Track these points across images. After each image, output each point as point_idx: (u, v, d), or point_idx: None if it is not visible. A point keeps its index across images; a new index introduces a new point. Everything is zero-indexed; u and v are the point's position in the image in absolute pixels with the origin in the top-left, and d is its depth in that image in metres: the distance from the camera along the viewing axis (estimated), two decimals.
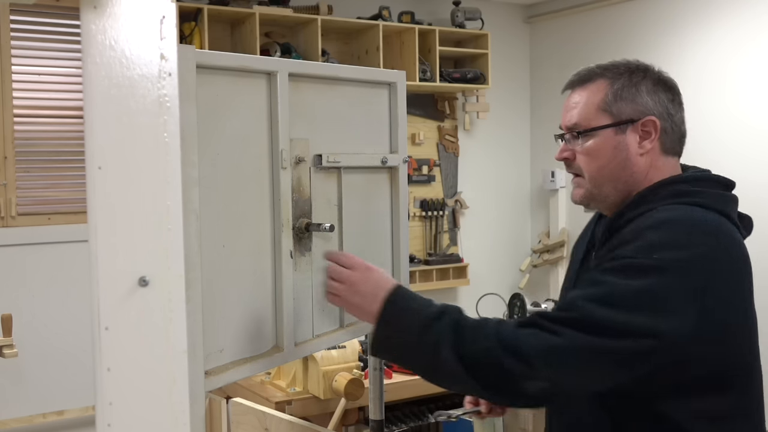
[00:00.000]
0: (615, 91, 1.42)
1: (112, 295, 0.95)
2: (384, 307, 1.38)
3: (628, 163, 1.41)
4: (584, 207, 1.51)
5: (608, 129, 1.41)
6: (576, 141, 1.44)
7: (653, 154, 1.42)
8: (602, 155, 1.42)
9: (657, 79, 1.44)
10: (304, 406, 2.92)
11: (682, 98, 1.47)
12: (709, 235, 1.31)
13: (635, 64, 1.45)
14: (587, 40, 4.90)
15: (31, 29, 3.69)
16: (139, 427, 0.98)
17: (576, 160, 1.45)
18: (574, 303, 1.29)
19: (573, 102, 1.46)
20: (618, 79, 1.42)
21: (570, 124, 1.46)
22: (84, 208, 0.96)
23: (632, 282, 1.26)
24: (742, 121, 4.11)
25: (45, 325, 3.64)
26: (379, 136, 1.77)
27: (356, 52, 4.49)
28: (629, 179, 1.42)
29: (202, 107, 1.27)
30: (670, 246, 1.28)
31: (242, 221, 1.43)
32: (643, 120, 1.40)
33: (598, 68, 1.46)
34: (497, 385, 1.29)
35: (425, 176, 4.85)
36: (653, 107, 1.41)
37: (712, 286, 1.28)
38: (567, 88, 1.50)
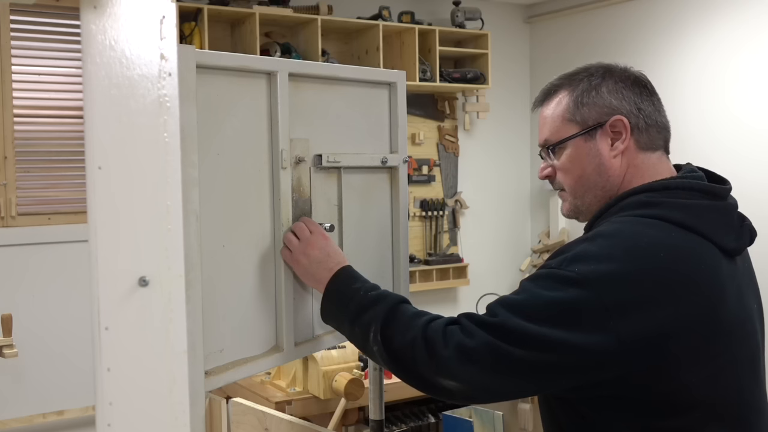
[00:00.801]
0: (576, 98, 1.39)
1: (112, 295, 0.95)
2: (330, 279, 1.45)
3: (602, 168, 1.38)
4: (576, 220, 1.48)
5: (577, 138, 1.39)
6: (551, 156, 1.43)
7: (629, 153, 1.38)
8: (577, 165, 1.39)
9: (620, 77, 1.40)
10: (304, 406, 2.92)
11: (652, 88, 1.42)
12: (645, 252, 1.23)
13: (595, 66, 1.42)
14: (587, 40, 4.90)
15: (31, 29, 3.69)
16: (139, 427, 0.98)
17: (556, 176, 1.44)
18: (496, 308, 1.26)
19: (542, 118, 1.45)
20: (577, 85, 1.40)
21: (542, 140, 1.45)
22: (84, 208, 0.96)
23: (548, 293, 1.22)
24: (742, 121, 4.11)
25: (45, 325, 3.64)
26: (379, 136, 1.76)
27: (356, 52, 4.50)
28: (606, 184, 1.38)
29: (202, 107, 1.27)
30: (594, 259, 1.22)
31: (242, 221, 1.43)
32: (610, 121, 1.37)
33: (558, 80, 1.45)
34: (417, 376, 1.29)
35: (425, 176, 4.85)
36: (618, 106, 1.37)
37: (642, 304, 1.20)
38: (534, 106, 1.49)
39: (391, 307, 1.36)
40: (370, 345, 1.34)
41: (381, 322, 1.34)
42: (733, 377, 1.28)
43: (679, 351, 1.22)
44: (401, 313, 1.35)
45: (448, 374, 1.25)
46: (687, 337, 1.22)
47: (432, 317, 1.33)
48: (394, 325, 1.33)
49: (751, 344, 1.33)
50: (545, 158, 1.46)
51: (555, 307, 1.21)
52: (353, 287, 1.43)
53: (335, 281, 1.45)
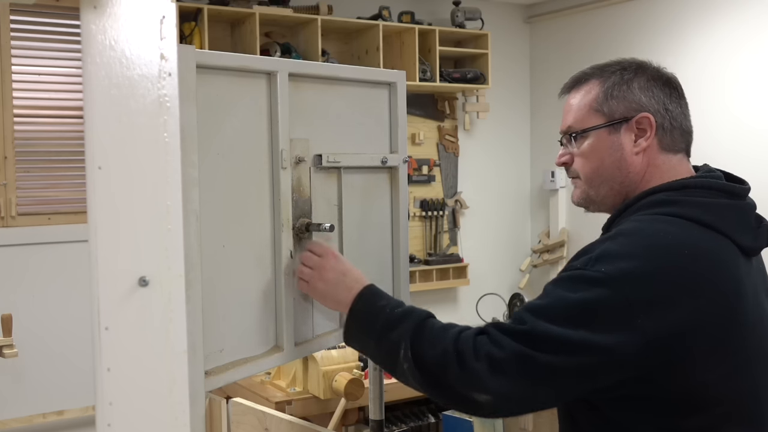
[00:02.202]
0: (606, 89, 1.39)
1: (112, 295, 0.95)
2: (354, 299, 1.42)
3: (623, 163, 1.38)
4: (585, 209, 1.48)
5: (602, 129, 1.39)
6: (572, 144, 1.43)
7: (650, 152, 1.38)
8: (597, 156, 1.40)
9: (652, 75, 1.40)
10: (304, 406, 2.92)
11: (682, 92, 1.42)
12: (667, 249, 1.24)
13: (629, 61, 1.43)
14: (587, 40, 4.91)
15: (31, 29, 3.69)
16: (139, 427, 0.98)
17: (573, 163, 1.44)
18: (523, 314, 1.25)
19: (568, 105, 1.45)
20: (609, 77, 1.40)
21: (565, 127, 1.45)
22: (84, 208, 0.96)
23: (573, 294, 1.22)
24: (742, 121, 4.11)
25: (45, 325, 3.64)
26: (379, 136, 1.76)
27: (356, 52, 4.50)
28: (625, 180, 1.39)
29: (202, 107, 1.27)
30: (619, 258, 1.22)
31: (242, 221, 1.43)
32: (636, 117, 1.37)
33: (590, 69, 1.45)
34: (450, 391, 1.26)
35: (425, 176, 4.85)
36: (647, 104, 1.37)
37: (666, 301, 1.20)
38: (562, 92, 1.49)
39: (418, 323, 1.33)
40: (400, 362, 1.30)
41: (410, 338, 1.30)
42: (750, 375, 1.29)
43: (698, 349, 1.22)
44: (429, 327, 1.32)
45: (481, 387, 1.22)
46: (706, 335, 1.23)
47: (461, 329, 1.30)
48: (424, 340, 1.30)
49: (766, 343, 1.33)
50: (565, 145, 1.46)
51: (582, 308, 1.21)
52: (378, 305, 1.40)
53: (359, 301, 1.42)
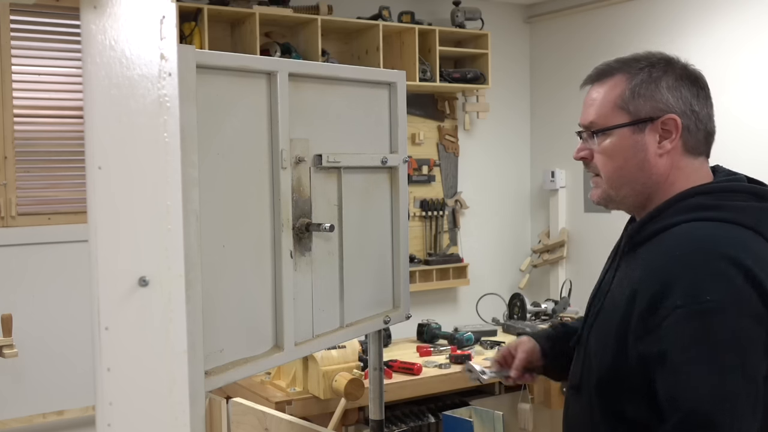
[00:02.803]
0: (633, 87, 1.35)
1: (112, 295, 0.95)
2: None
3: (646, 165, 1.35)
4: (604, 207, 1.45)
5: (625, 128, 1.35)
6: (593, 140, 1.39)
7: (674, 154, 1.35)
8: (619, 155, 1.36)
9: (681, 73, 1.37)
10: (304, 406, 2.92)
11: (708, 91, 1.39)
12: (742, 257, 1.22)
13: (657, 57, 1.39)
14: (587, 40, 4.91)
15: (31, 29, 3.69)
16: (139, 427, 0.98)
17: (593, 159, 1.40)
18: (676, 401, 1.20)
19: (590, 99, 1.40)
20: (637, 74, 1.36)
21: (587, 122, 1.40)
22: (84, 208, 0.96)
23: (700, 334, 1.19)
24: (742, 121, 4.11)
25: (45, 325, 3.64)
26: (379, 136, 1.77)
27: (356, 52, 4.49)
28: (647, 181, 1.36)
29: (202, 107, 1.27)
30: (714, 280, 1.20)
31: (242, 221, 1.43)
32: (662, 118, 1.33)
33: (616, 62, 1.40)
34: None
35: (425, 176, 4.85)
36: (674, 104, 1.34)
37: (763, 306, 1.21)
38: (585, 83, 1.44)
39: None
40: None
41: None
42: None
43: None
44: None
45: None
46: None
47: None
48: None
49: None
50: (585, 139, 1.42)
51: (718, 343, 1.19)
52: None
53: None
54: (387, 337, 3.69)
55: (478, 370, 1.79)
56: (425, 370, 3.32)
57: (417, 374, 3.26)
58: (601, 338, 1.38)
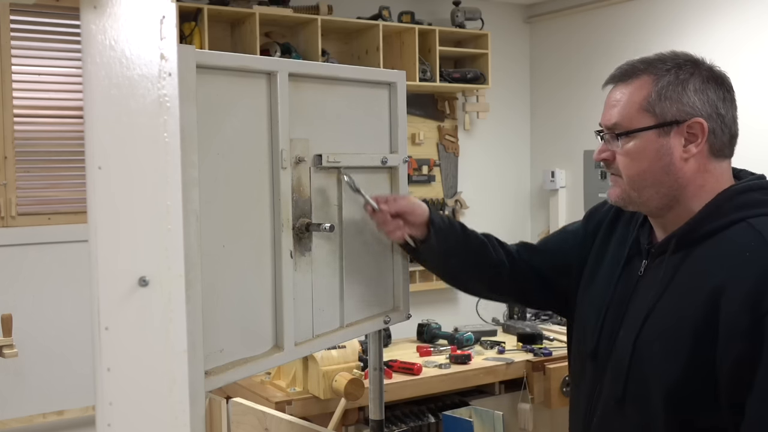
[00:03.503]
0: (659, 89, 1.32)
1: (112, 295, 0.95)
2: None
3: (671, 168, 1.32)
4: (621, 207, 1.43)
5: (650, 131, 1.32)
6: (615, 142, 1.35)
7: (700, 158, 1.32)
8: (643, 158, 1.32)
9: (707, 75, 1.35)
10: (304, 406, 2.92)
11: (733, 93, 1.37)
12: None
13: (683, 58, 1.36)
14: (587, 40, 4.90)
15: (31, 29, 3.69)
16: (139, 427, 0.98)
17: (615, 161, 1.36)
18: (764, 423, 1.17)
19: (614, 99, 1.37)
20: (664, 76, 1.33)
21: (610, 123, 1.36)
22: (84, 208, 0.96)
23: None
24: (742, 121, 4.11)
25: (45, 325, 3.64)
26: (379, 136, 1.77)
27: (356, 52, 4.49)
28: (673, 185, 1.32)
29: (202, 107, 1.27)
30: None
31: (242, 221, 1.43)
32: (689, 122, 1.31)
33: (642, 63, 1.37)
34: None
35: (425, 176, 4.85)
36: (701, 108, 1.31)
37: None
38: (608, 82, 1.40)
39: None
40: None
41: None
42: None
43: None
44: None
45: None
46: None
47: None
48: None
49: None
50: (607, 141, 1.38)
51: None
52: None
53: None
54: (387, 337, 3.69)
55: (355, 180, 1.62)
56: (425, 370, 3.33)
57: (417, 374, 3.26)
58: (665, 345, 1.30)
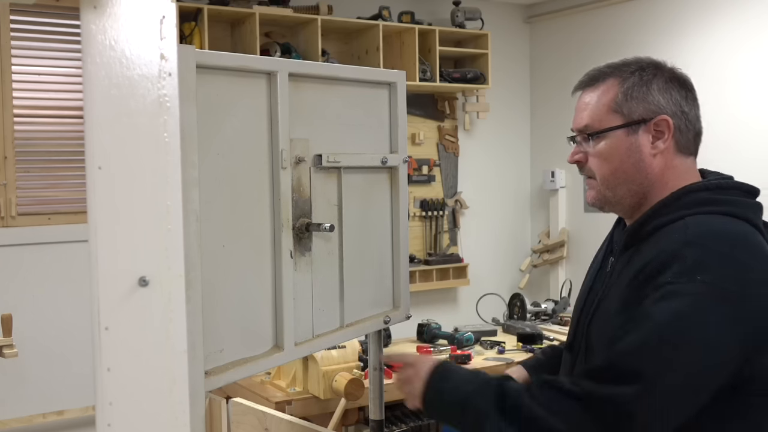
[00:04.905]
0: (625, 90, 1.39)
1: (112, 295, 0.95)
2: (426, 386, 1.41)
3: (641, 165, 1.38)
4: (599, 209, 1.48)
5: (620, 130, 1.38)
6: (587, 143, 1.42)
7: (668, 154, 1.39)
8: (614, 157, 1.39)
9: (669, 76, 1.41)
10: (304, 406, 2.92)
11: (695, 94, 1.43)
12: (749, 248, 1.28)
13: (646, 61, 1.43)
14: (587, 40, 4.91)
15: (31, 29, 3.69)
16: (139, 427, 0.98)
17: (588, 162, 1.43)
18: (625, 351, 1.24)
19: (583, 103, 1.44)
20: (628, 78, 1.40)
21: (581, 125, 1.43)
22: (84, 208, 0.96)
23: (678, 309, 1.21)
24: (742, 121, 4.11)
25: (45, 325, 3.64)
26: (379, 136, 1.76)
27: (356, 52, 4.50)
28: (644, 181, 1.39)
29: (202, 107, 1.27)
30: (714, 264, 1.23)
31: (242, 221, 1.43)
32: (655, 119, 1.37)
33: (607, 68, 1.43)
34: None
35: (425, 176, 4.85)
36: (665, 106, 1.38)
37: (757, 301, 1.25)
38: (577, 89, 1.47)
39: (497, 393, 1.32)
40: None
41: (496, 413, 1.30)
42: None
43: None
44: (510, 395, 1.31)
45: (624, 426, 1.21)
46: None
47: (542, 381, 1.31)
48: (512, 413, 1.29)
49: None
50: (579, 143, 1.45)
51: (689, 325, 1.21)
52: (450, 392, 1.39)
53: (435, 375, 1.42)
54: (387, 337, 3.69)
55: None
56: None
57: None
58: (601, 330, 1.39)
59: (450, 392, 1.39)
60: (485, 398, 1.32)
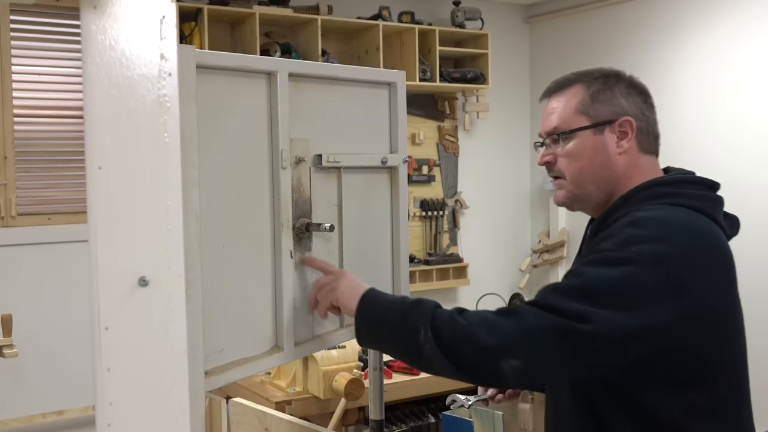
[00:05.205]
0: (591, 93, 1.48)
1: (112, 295, 0.95)
2: (361, 302, 1.44)
3: (608, 163, 1.46)
4: (567, 208, 1.55)
5: (587, 130, 1.47)
6: (557, 145, 1.50)
7: (632, 153, 1.47)
8: (583, 156, 1.47)
9: (629, 83, 1.50)
10: (304, 406, 2.92)
11: (653, 101, 1.52)
12: (687, 232, 1.35)
13: (608, 69, 1.52)
14: (587, 40, 4.91)
15: (31, 29, 3.69)
16: (139, 427, 0.98)
17: (557, 163, 1.50)
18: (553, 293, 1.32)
19: (551, 107, 1.52)
20: (593, 83, 1.49)
21: (550, 128, 1.51)
22: (84, 208, 0.96)
23: (609, 272, 1.30)
24: (742, 121, 4.11)
25: (45, 325, 3.64)
26: (379, 136, 1.77)
27: (356, 52, 4.50)
28: (611, 178, 1.47)
29: (202, 107, 1.27)
30: (648, 240, 1.32)
31: (242, 221, 1.43)
32: (619, 120, 1.46)
33: (573, 75, 1.53)
34: (474, 365, 1.32)
35: (425, 176, 4.85)
36: (628, 108, 1.47)
37: (690, 280, 1.31)
38: (544, 96, 1.56)
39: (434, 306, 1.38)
40: (420, 344, 1.34)
41: (429, 319, 1.34)
42: (744, 350, 1.44)
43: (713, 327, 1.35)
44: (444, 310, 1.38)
45: (514, 355, 1.28)
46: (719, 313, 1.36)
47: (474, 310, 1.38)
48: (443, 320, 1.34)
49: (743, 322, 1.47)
50: (548, 146, 1.52)
51: (619, 286, 1.29)
52: (388, 298, 1.45)
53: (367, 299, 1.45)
54: None
55: (461, 398, 1.89)
56: None
57: (417, 374, 3.26)
58: None
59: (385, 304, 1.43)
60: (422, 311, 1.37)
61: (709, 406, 1.37)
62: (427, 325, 1.34)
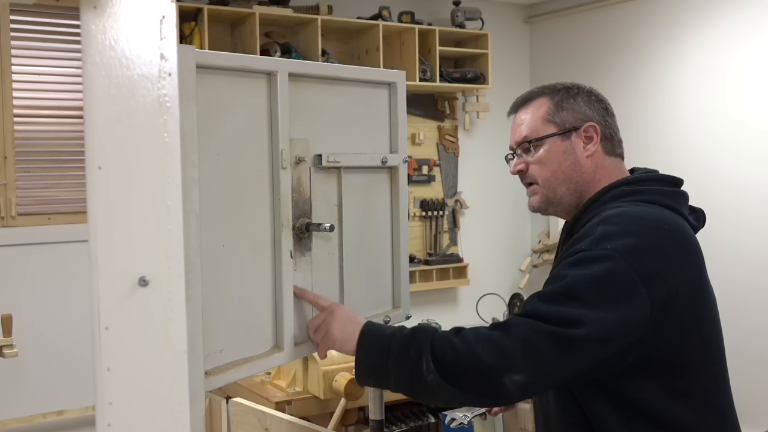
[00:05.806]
0: (556, 103, 1.58)
1: (112, 295, 0.95)
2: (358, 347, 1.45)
3: (577, 165, 1.56)
4: (542, 213, 1.63)
5: (555, 137, 1.57)
6: (528, 153, 1.59)
7: (597, 156, 1.57)
8: (553, 160, 1.56)
9: (589, 92, 1.61)
10: (304, 406, 2.92)
11: (613, 110, 1.62)
12: (655, 225, 1.43)
13: (568, 82, 1.62)
14: (587, 40, 4.91)
15: (31, 29, 3.69)
16: (139, 427, 0.98)
17: (529, 170, 1.59)
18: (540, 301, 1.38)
19: (520, 119, 1.62)
20: (556, 94, 1.59)
21: (520, 138, 1.60)
22: (84, 208, 0.96)
23: (589, 271, 1.36)
24: (742, 121, 4.11)
25: (45, 325, 3.64)
26: (379, 136, 1.77)
27: (356, 52, 4.50)
28: (580, 179, 1.56)
29: (202, 107, 1.27)
30: (619, 235, 1.39)
31: (242, 221, 1.43)
32: (584, 126, 1.56)
33: (536, 89, 1.63)
34: (480, 388, 1.35)
35: (425, 176, 4.85)
36: (591, 115, 1.57)
37: (664, 270, 1.38)
38: (512, 111, 1.65)
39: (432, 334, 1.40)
40: (424, 376, 1.35)
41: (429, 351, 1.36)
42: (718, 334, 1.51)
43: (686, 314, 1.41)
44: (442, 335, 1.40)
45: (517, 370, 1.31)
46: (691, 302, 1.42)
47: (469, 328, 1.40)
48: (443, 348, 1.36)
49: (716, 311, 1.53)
50: (519, 155, 1.62)
51: (599, 283, 1.35)
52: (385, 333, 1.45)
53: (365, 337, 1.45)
54: None
55: (459, 416, 1.92)
56: None
57: None
58: None
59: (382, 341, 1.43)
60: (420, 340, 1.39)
61: (688, 387, 1.42)
62: (428, 355, 1.36)
